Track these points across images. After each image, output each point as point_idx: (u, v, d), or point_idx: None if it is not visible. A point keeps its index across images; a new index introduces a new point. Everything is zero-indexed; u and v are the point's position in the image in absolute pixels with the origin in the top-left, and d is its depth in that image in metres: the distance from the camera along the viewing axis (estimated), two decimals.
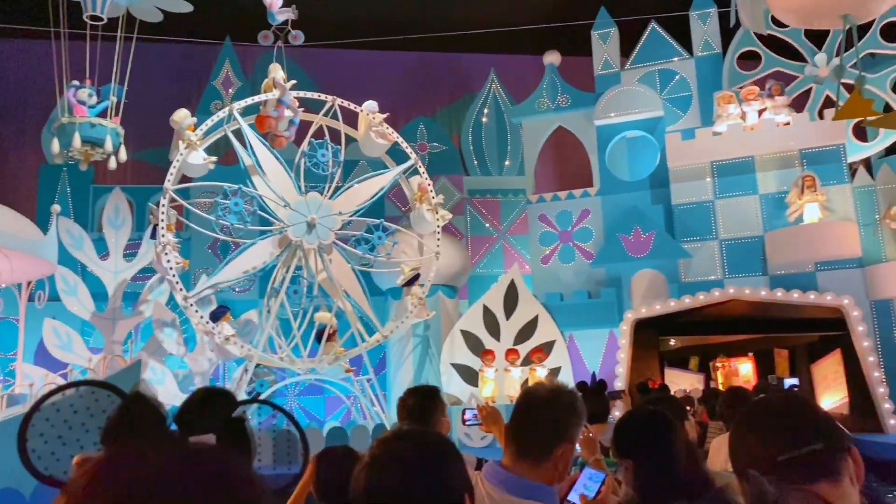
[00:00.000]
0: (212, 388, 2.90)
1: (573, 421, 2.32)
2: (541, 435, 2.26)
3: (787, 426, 1.50)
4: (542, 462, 2.23)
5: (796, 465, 1.44)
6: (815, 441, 1.47)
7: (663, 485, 2.45)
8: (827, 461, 1.46)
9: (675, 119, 15.82)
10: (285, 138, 12.45)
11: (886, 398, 12.47)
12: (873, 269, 13.10)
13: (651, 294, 14.38)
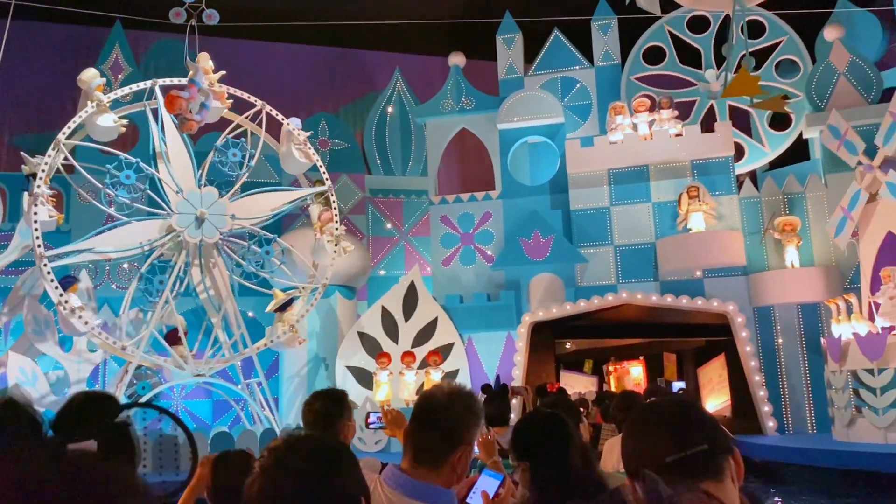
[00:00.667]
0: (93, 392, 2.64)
1: (471, 423, 2.31)
2: (439, 438, 2.26)
3: (676, 428, 1.55)
4: (441, 465, 2.23)
5: (683, 466, 1.48)
6: (701, 442, 1.51)
7: (559, 486, 2.50)
8: (711, 461, 1.51)
9: (575, 126, 16.10)
10: (195, 122, 11.94)
11: (766, 401, 13.06)
12: (756, 277, 13.71)
13: (548, 297, 14.54)
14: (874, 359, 10.67)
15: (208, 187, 12.17)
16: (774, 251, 13.95)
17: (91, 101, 11.36)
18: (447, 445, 2.25)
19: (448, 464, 2.24)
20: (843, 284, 13.37)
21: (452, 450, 2.25)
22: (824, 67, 14.52)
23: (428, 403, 2.35)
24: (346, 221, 16.50)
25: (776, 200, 14.26)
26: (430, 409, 2.32)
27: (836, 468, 10.02)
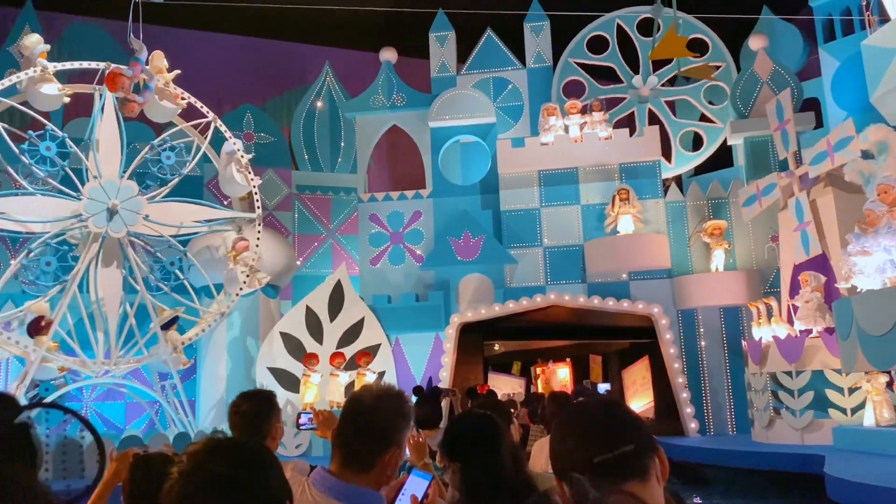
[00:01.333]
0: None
1: (401, 425, 2.30)
2: (369, 439, 2.24)
3: (603, 429, 1.55)
4: (370, 467, 2.22)
5: (610, 466, 1.49)
6: (628, 442, 1.51)
7: (489, 487, 2.52)
8: (637, 462, 1.52)
9: (506, 127, 16.04)
10: (137, 104, 11.37)
11: (688, 403, 13.23)
12: (681, 280, 13.89)
13: (477, 298, 14.39)
14: (792, 361, 10.89)
15: (130, 181, 11.55)
16: (699, 254, 14.17)
17: (34, 67, 10.76)
18: (376, 447, 2.23)
19: (377, 466, 2.22)
20: (763, 288, 13.68)
21: (382, 452, 2.23)
22: (749, 75, 14.86)
23: (357, 405, 2.31)
24: (270, 218, 16.02)
25: (701, 205, 14.50)
26: (359, 410, 2.29)
27: (756, 469, 10.16)
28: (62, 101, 11.28)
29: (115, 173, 11.51)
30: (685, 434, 13.09)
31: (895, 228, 6.92)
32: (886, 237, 6.98)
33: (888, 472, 7.38)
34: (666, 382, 13.61)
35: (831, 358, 10.48)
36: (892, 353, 6.45)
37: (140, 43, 11.25)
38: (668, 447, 12.01)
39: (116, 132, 11.60)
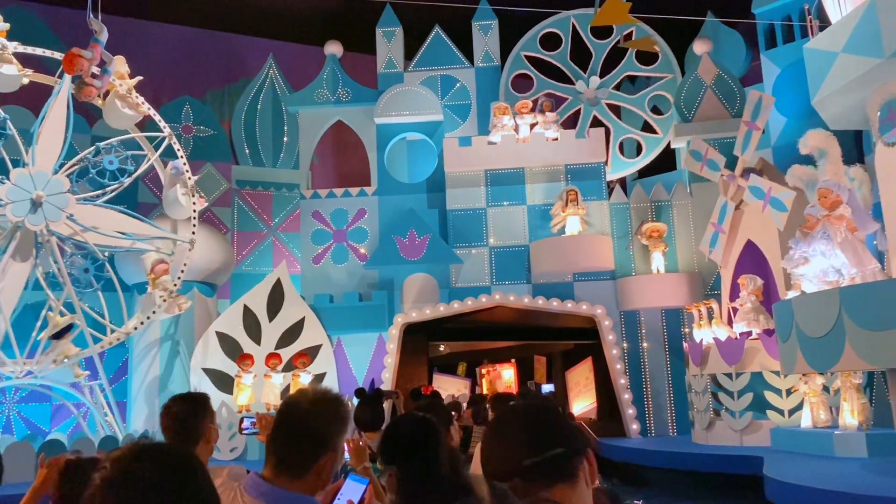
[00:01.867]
0: None
1: (338, 429, 2.27)
2: (304, 445, 2.20)
3: (533, 432, 1.56)
4: (305, 472, 2.19)
5: (539, 469, 1.50)
6: (557, 446, 1.53)
7: (426, 491, 2.51)
8: (566, 464, 1.53)
9: (454, 126, 15.87)
10: (95, 87, 10.77)
11: (630, 404, 13.26)
12: (623, 282, 13.93)
13: (422, 298, 14.17)
14: (732, 363, 10.98)
15: (63, 178, 10.94)
16: (641, 257, 14.24)
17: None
18: (312, 452, 2.19)
19: (312, 471, 2.19)
20: (704, 290, 13.81)
21: (317, 456, 2.20)
22: (692, 80, 15.02)
23: (292, 409, 2.29)
24: (209, 214, 15.50)
25: (644, 207, 14.57)
26: (294, 414, 2.26)
27: (696, 471, 10.19)
28: (21, 83, 10.77)
29: (50, 166, 10.89)
30: (627, 435, 13.12)
31: (829, 234, 6.96)
32: (821, 242, 7.03)
33: (825, 473, 7.43)
34: (609, 384, 13.63)
35: (770, 360, 10.60)
36: (831, 355, 6.48)
37: (100, 24, 10.74)
38: (610, 448, 12.01)
39: (62, 125, 11.01)
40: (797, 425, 10.18)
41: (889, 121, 7.19)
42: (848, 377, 9.09)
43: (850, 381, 9.15)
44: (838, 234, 6.92)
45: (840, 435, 8.89)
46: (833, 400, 10.03)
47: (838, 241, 6.89)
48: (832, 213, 7.05)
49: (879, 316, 6.07)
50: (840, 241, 6.89)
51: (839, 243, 6.87)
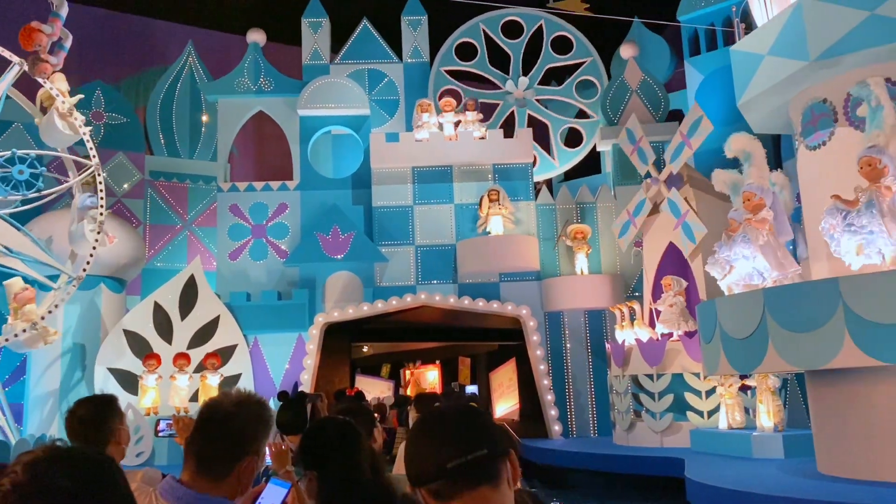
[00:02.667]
0: None
1: (259, 433, 2.23)
2: (224, 448, 2.16)
3: (457, 434, 1.55)
4: (225, 476, 2.14)
5: (463, 471, 1.49)
6: (481, 448, 1.51)
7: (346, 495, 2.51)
8: (490, 466, 1.52)
9: (381, 121, 15.53)
10: (50, 65, 9.93)
11: (553, 405, 13.20)
12: (548, 283, 13.88)
13: (345, 297, 13.76)
14: (654, 364, 11.02)
15: None
16: (566, 258, 14.23)
17: None
18: (233, 455, 2.15)
19: (233, 474, 2.15)
20: (626, 292, 13.90)
21: (238, 460, 2.16)
22: (619, 84, 15.13)
23: (214, 411, 2.23)
24: (119, 205, 14.67)
25: (569, 209, 14.58)
26: (216, 417, 2.21)
27: (618, 472, 10.16)
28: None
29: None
30: (549, 436, 13.06)
31: (749, 237, 6.98)
32: (742, 245, 7.05)
33: (744, 475, 7.45)
34: (532, 385, 13.54)
35: (690, 361, 10.69)
36: (755, 356, 6.48)
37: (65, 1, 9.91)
38: (533, 450, 11.89)
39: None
40: (715, 427, 10.28)
41: (812, 124, 7.28)
42: (765, 379, 9.22)
43: (766, 384, 9.29)
44: (760, 238, 6.95)
45: (757, 436, 8.99)
46: (749, 402, 10.17)
47: (759, 244, 6.92)
48: (755, 217, 7.07)
49: (802, 317, 6.09)
50: (761, 245, 6.92)
51: (760, 246, 6.90)
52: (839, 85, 6.95)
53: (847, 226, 5.99)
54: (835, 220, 6.07)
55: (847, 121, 6.95)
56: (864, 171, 6.14)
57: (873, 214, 5.81)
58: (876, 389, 6.45)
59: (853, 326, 5.74)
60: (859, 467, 6.53)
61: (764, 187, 7.22)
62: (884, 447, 6.36)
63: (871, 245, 5.95)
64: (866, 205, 5.89)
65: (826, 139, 7.15)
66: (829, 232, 6.15)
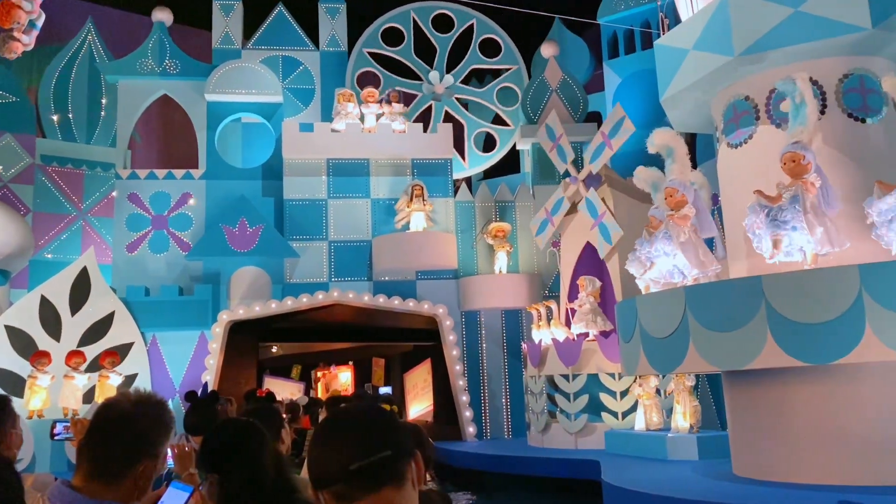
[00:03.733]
0: None
1: (159, 435, 2.15)
2: (122, 449, 2.07)
3: (360, 435, 1.52)
4: (121, 480, 2.05)
5: (366, 473, 1.47)
6: (384, 449, 1.49)
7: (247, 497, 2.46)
8: (393, 467, 1.50)
9: (295, 111, 14.90)
10: (22, 45, 8.96)
11: (468, 406, 12.91)
12: (466, 281, 13.59)
13: (252, 294, 13.06)
14: (570, 364, 10.87)
15: None
16: (484, 256, 13.98)
17: None
18: (130, 458, 2.08)
19: (130, 478, 2.08)
20: (543, 291, 13.77)
21: (136, 462, 2.09)
22: (539, 83, 15.00)
23: (111, 411, 2.17)
24: (5, 191, 13.50)
25: (488, 207, 14.34)
26: (113, 418, 2.14)
27: (532, 475, 9.92)
28: None
29: None
30: (463, 438, 12.76)
31: (671, 234, 6.83)
32: (663, 242, 6.89)
33: (660, 478, 7.31)
34: (446, 386, 13.21)
35: (606, 362, 10.59)
36: (675, 356, 6.32)
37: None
38: (446, 453, 11.54)
39: None
40: (631, 428, 10.20)
41: (733, 122, 7.21)
42: (682, 380, 9.17)
43: (684, 384, 9.24)
44: (681, 234, 6.81)
45: (672, 438, 8.92)
46: (665, 402, 10.14)
47: (681, 240, 6.78)
48: (676, 213, 6.94)
49: (724, 316, 5.96)
50: (682, 242, 6.79)
51: (681, 243, 6.76)
52: (762, 82, 6.90)
53: (770, 221, 5.88)
54: (758, 218, 5.95)
55: (769, 119, 6.90)
56: (787, 167, 6.06)
57: (797, 210, 5.72)
58: (793, 390, 6.39)
59: (775, 326, 5.64)
60: (776, 469, 6.47)
61: (686, 184, 7.10)
62: (801, 449, 6.31)
63: (793, 242, 5.87)
64: (791, 200, 5.81)
65: (748, 137, 7.09)
66: (752, 229, 6.04)
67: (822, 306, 5.48)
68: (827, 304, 5.46)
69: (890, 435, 5.98)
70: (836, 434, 6.15)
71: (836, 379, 6.19)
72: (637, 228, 10.65)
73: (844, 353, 5.37)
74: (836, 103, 6.70)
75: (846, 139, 6.62)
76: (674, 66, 7.46)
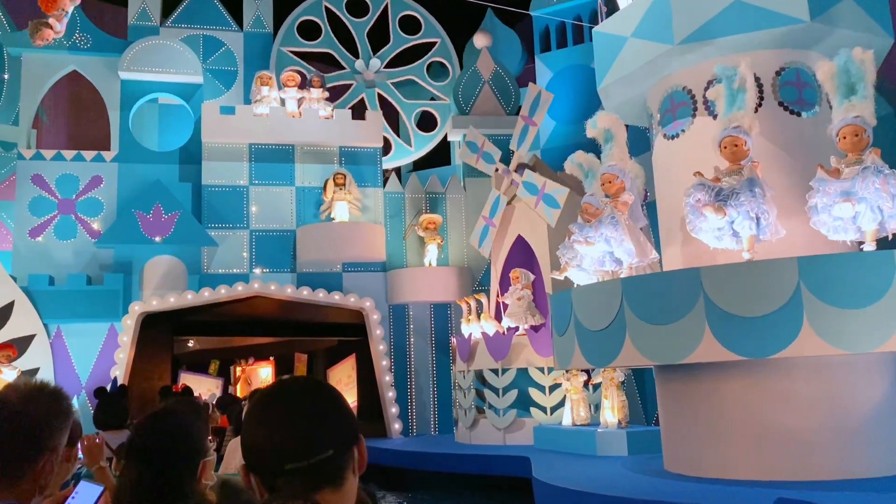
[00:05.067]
0: None
1: (56, 427, 2.00)
2: (17, 447, 1.92)
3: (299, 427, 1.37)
4: (20, 479, 1.92)
5: (304, 473, 1.34)
6: (325, 448, 1.36)
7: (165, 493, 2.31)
8: (334, 467, 1.37)
9: (216, 93, 14.20)
10: (55, 32, 8.83)
11: (394, 402, 12.57)
12: (394, 274, 13.23)
13: (167, 285, 12.36)
14: (499, 359, 10.67)
15: None
16: (414, 249, 13.65)
17: None
18: (28, 455, 1.92)
19: (29, 476, 1.93)
20: (473, 285, 13.54)
21: (35, 459, 1.93)
22: (471, 73, 14.76)
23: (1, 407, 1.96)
24: None
25: (419, 198, 14.02)
26: (4, 412, 1.95)
27: (460, 473, 9.65)
28: None
29: None
30: (388, 435, 12.41)
31: (617, 219, 6.66)
32: (608, 227, 6.71)
33: (591, 475, 7.15)
34: (372, 382, 12.81)
35: (536, 356, 10.44)
36: (611, 349, 6.15)
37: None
38: (371, 450, 11.13)
39: None
40: (559, 423, 10.07)
41: (671, 113, 7.10)
42: (611, 374, 9.07)
43: (612, 379, 9.15)
44: (622, 221, 6.65)
45: (602, 433, 8.81)
46: (592, 397, 10.05)
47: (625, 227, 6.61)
48: (618, 200, 6.78)
49: (661, 309, 5.82)
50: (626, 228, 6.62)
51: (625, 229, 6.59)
52: (701, 73, 6.81)
53: (721, 201, 5.73)
54: (704, 195, 5.79)
55: (706, 110, 6.81)
56: (727, 152, 5.96)
57: (754, 193, 5.60)
58: (726, 385, 6.32)
59: (714, 319, 5.52)
60: (708, 465, 6.38)
61: (624, 170, 6.94)
62: (733, 444, 6.24)
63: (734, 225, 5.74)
64: (747, 182, 5.67)
65: (685, 128, 6.99)
66: (695, 208, 5.87)
67: (760, 299, 5.39)
68: (766, 297, 5.37)
69: (821, 430, 5.97)
70: (769, 429, 6.10)
71: (769, 373, 6.15)
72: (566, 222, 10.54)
73: (782, 347, 5.29)
74: (772, 96, 6.67)
75: (781, 132, 6.60)
76: (612, 54, 7.31)
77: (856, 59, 5.63)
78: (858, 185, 5.63)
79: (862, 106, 5.66)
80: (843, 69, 5.72)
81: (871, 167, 5.66)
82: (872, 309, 5.17)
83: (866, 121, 5.67)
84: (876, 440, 5.98)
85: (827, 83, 5.86)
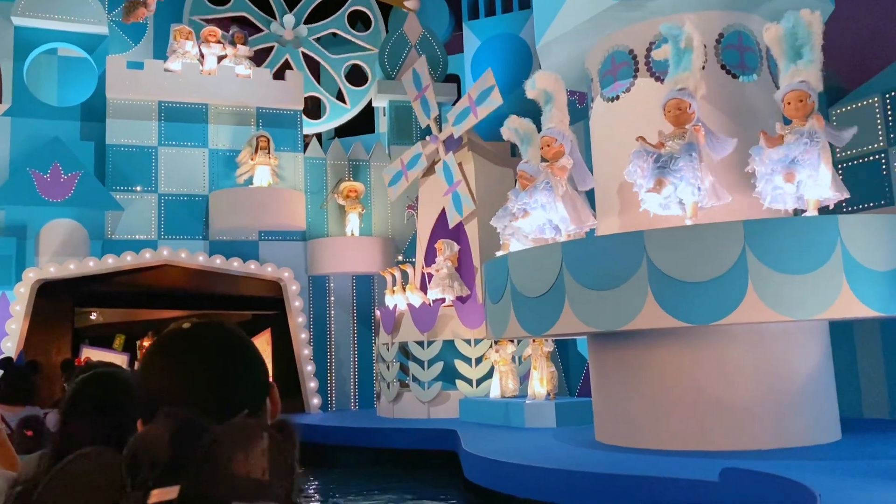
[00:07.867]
0: None
1: None
2: None
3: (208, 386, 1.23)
4: None
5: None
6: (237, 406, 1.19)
7: None
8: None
9: (124, 48, 13.18)
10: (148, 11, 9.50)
11: (312, 376, 12.10)
12: (314, 244, 12.67)
13: (66, 250, 11.43)
14: (425, 330, 10.35)
15: None
16: (335, 218, 13.11)
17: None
18: None
19: None
20: (397, 256, 13.15)
21: None
22: (398, 37, 14.25)
23: None
24: None
25: (341, 165, 13.45)
26: None
27: (383, 448, 9.30)
28: None
29: None
30: (306, 410, 11.94)
31: (552, 185, 6.39)
32: (543, 193, 6.44)
33: (522, 447, 6.92)
34: (289, 356, 12.26)
35: (462, 328, 10.19)
36: (548, 317, 5.90)
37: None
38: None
39: None
40: (486, 395, 9.85)
41: (611, 74, 6.86)
42: (540, 345, 8.89)
43: (542, 349, 8.97)
44: (559, 187, 6.39)
45: (530, 405, 8.63)
46: (521, 369, 9.88)
47: (559, 193, 6.35)
48: (556, 164, 6.50)
49: (602, 274, 5.59)
50: (561, 194, 6.36)
51: (560, 196, 6.33)
52: (643, 33, 6.59)
53: (658, 168, 5.54)
54: (644, 163, 5.59)
55: (648, 71, 6.61)
56: (671, 115, 5.76)
57: (692, 158, 5.41)
58: (661, 354, 6.18)
59: (657, 284, 5.32)
60: (643, 436, 6.25)
61: (564, 133, 6.67)
62: (668, 415, 6.12)
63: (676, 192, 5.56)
64: (686, 148, 5.48)
65: (625, 89, 6.76)
66: (635, 176, 5.67)
67: (705, 264, 5.22)
68: (711, 262, 5.21)
69: (757, 399, 5.91)
70: (704, 399, 6.00)
71: (705, 342, 6.04)
72: (495, 194, 10.31)
73: (727, 313, 5.15)
74: (714, 58, 6.51)
75: (723, 95, 6.46)
76: (551, 12, 6.99)
77: (804, 20, 5.50)
78: (794, 153, 5.53)
79: (808, 71, 5.55)
80: (790, 32, 5.59)
81: (806, 135, 5.57)
82: (816, 274, 5.09)
83: (811, 86, 5.57)
84: (812, 408, 5.97)
85: (774, 46, 5.73)
